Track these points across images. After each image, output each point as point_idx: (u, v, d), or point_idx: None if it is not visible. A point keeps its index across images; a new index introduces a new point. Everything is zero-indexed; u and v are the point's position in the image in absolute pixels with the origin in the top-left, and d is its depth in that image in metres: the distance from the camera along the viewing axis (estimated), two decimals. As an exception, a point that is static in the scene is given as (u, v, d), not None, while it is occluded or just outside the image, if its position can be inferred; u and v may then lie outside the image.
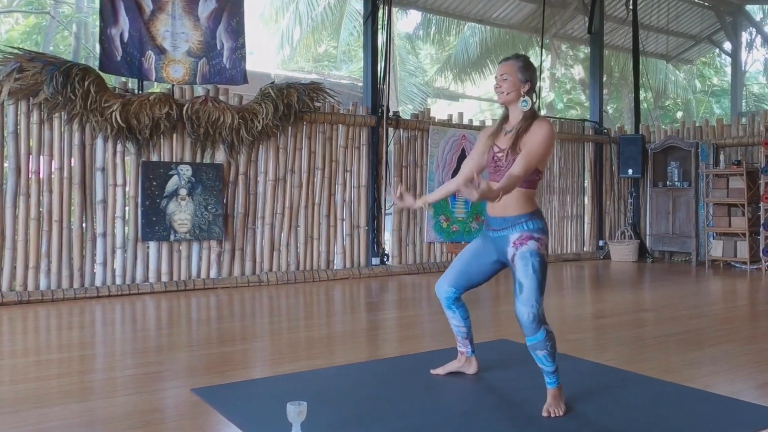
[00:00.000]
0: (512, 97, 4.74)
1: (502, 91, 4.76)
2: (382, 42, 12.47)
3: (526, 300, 4.53)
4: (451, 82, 26.74)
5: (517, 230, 4.64)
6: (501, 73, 4.77)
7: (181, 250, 10.35)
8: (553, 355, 4.60)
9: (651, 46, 20.46)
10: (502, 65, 4.82)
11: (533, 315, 4.50)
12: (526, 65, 4.78)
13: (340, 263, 11.87)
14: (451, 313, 5.30)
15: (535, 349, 4.58)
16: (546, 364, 4.60)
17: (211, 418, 4.52)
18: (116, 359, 6.27)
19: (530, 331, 4.54)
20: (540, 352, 4.58)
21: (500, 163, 4.74)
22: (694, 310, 9.04)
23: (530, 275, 4.54)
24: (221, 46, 10.60)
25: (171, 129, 10.09)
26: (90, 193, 9.76)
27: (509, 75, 4.73)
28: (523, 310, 4.53)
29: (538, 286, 4.55)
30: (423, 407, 4.72)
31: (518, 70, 4.73)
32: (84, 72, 9.37)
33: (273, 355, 6.48)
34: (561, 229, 15.03)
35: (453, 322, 5.35)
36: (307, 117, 11.30)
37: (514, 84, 4.72)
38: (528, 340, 4.60)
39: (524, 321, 4.53)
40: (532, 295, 4.52)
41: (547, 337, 4.56)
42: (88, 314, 8.46)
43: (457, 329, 5.38)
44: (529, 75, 4.76)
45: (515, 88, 4.72)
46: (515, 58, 4.81)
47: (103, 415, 4.56)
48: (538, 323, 4.52)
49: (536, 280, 4.54)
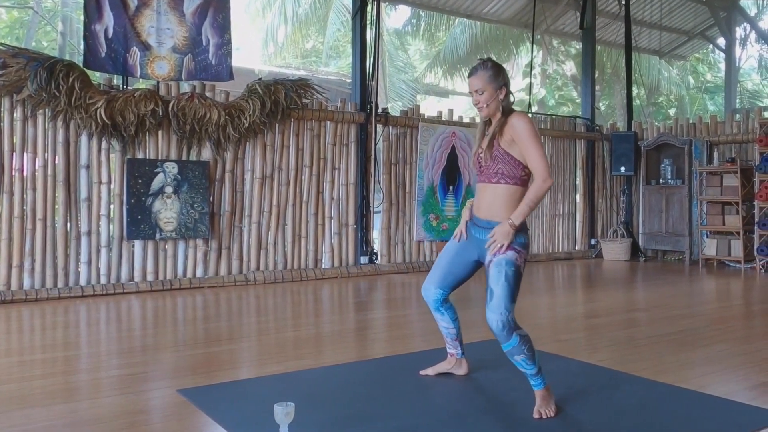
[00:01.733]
0: (494, 108, 4.80)
1: (481, 106, 4.80)
2: (371, 38, 12.47)
3: (495, 307, 4.55)
4: (440, 78, 26.72)
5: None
6: (475, 89, 4.80)
7: (167, 249, 10.34)
8: (532, 357, 4.62)
9: (644, 42, 20.52)
10: (472, 80, 4.83)
11: (502, 323, 4.53)
12: (496, 71, 4.81)
13: (328, 262, 11.86)
14: (440, 315, 5.31)
15: (512, 354, 4.61)
16: (526, 367, 4.62)
17: (198, 420, 4.52)
18: (101, 360, 6.28)
19: (502, 339, 4.58)
20: (517, 357, 4.60)
21: (482, 162, 4.82)
22: (688, 309, 9.08)
23: (501, 283, 4.57)
24: (207, 42, 10.59)
25: (156, 126, 10.07)
26: (74, 191, 9.74)
27: (484, 88, 4.77)
28: (491, 317, 4.56)
29: (509, 293, 4.57)
30: (413, 408, 4.74)
31: (490, 80, 4.77)
32: (68, 68, 9.36)
33: (260, 355, 6.49)
34: (552, 227, 15.04)
35: (442, 324, 5.37)
36: (295, 114, 11.30)
37: (491, 95, 4.77)
38: (503, 347, 4.63)
39: (494, 329, 4.57)
40: (501, 302, 4.55)
41: (521, 341, 4.57)
42: (72, 314, 8.45)
43: (447, 331, 5.39)
44: (501, 79, 4.81)
45: (494, 99, 4.78)
46: (482, 68, 4.81)
47: (88, 416, 4.57)
48: (509, 330, 4.54)
49: (507, 287, 4.57)
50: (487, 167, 4.76)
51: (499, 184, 4.72)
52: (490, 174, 4.75)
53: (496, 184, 4.74)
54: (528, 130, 4.61)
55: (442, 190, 12.89)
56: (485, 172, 4.79)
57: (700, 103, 30.57)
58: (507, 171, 4.69)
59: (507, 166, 4.69)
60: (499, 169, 4.70)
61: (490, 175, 4.76)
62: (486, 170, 4.77)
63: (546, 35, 20.71)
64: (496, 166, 4.71)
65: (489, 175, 4.76)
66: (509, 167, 4.69)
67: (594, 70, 16.47)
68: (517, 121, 4.64)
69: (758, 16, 25.14)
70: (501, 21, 18.88)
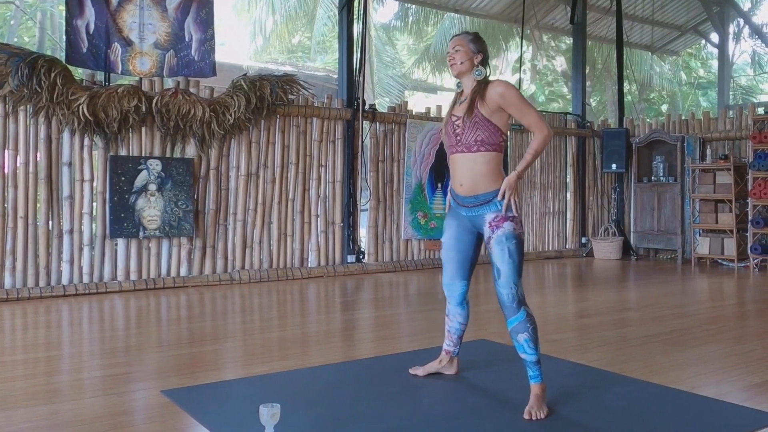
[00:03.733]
0: (466, 67, 4.95)
1: (455, 62, 4.96)
2: (358, 33, 12.49)
3: (504, 283, 4.69)
4: (429, 74, 26.76)
5: (492, 210, 4.75)
6: (453, 46, 5.01)
7: (151, 248, 10.33)
8: (535, 341, 4.69)
9: (635, 37, 20.57)
10: (453, 39, 5.09)
11: (512, 295, 4.68)
12: (477, 38, 5.06)
13: (315, 261, 11.87)
14: (461, 309, 5.33)
15: (516, 332, 4.68)
16: (528, 351, 4.68)
17: (182, 421, 4.52)
18: (84, 360, 6.27)
19: (510, 312, 4.69)
20: (521, 335, 4.66)
21: (458, 130, 4.89)
22: (680, 309, 9.09)
23: (506, 260, 4.68)
24: (190, 37, 10.59)
25: (140, 122, 10.07)
26: (56, 189, 9.72)
27: (461, 47, 4.97)
28: (502, 291, 4.70)
29: (516, 269, 4.70)
30: (401, 409, 4.74)
31: (470, 42, 4.99)
32: (50, 64, 9.35)
33: (245, 355, 6.49)
34: (542, 225, 15.06)
35: (458, 319, 5.38)
36: (281, 110, 11.30)
37: (467, 54, 4.95)
38: (509, 323, 4.71)
39: (504, 300, 4.70)
40: (510, 278, 4.68)
41: (528, 319, 4.68)
42: (54, 314, 8.44)
43: (458, 326, 5.40)
44: (480, 46, 5.01)
45: (468, 58, 4.94)
46: (465, 33, 5.10)
47: (70, 417, 4.56)
48: (518, 303, 4.68)
49: (513, 264, 4.69)
50: (465, 136, 4.83)
51: (479, 152, 4.78)
52: (469, 143, 4.81)
53: (475, 153, 4.79)
54: (516, 93, 4.79)
55: (431, 188, 12.90)
56: (462, 142, 4.85)
57: (693, 99, 30.64)
58: (486, 138, 4.77)
59: (486, 132, 4.77)
60: (479, 136, 4.78)
61: (468, 145, 4.82)
62: (463, 139, 4.84)
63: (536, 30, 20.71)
64: (476, 133, 4.78)
65: (467, 145, 4.82)
66: (488, 133, 4.77)
67: (585, 66, 16.52)
68: (503, 89, 4.77)
69: (752, 11, 25.13)
70: (490, 15, 18.88)
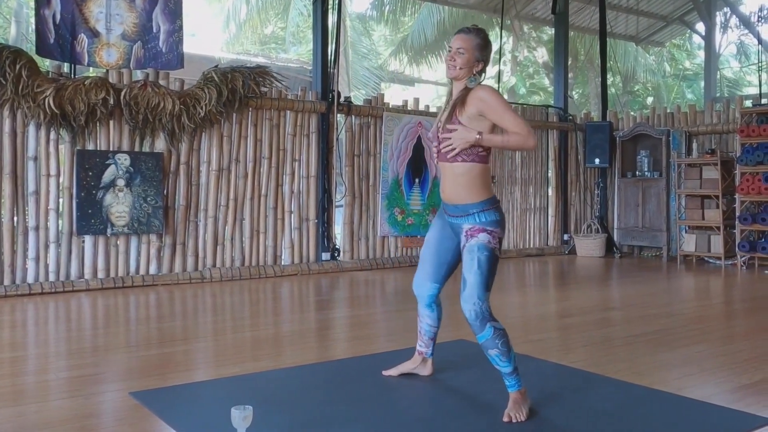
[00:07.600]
0: (463, 74, 4.79)
1: (455, 65, 4.79)
2: (333, 23, 12.47)
3: (468, 297, 4.60)
4: (406, 65, 26.74)
5: (470, 221, 4.70)
6: (458, 47, 4.79)
7: (119, 245, 10.30)
8: (507, 354, 4.63)
9: (619, 28, 20.61)
10: (460, 37, 4.84)
11: (475, 312, 4.58)
12: (485, 43, 4.83)
13: (288, 258, 11.86)
14: (429, 311, 5.32)
15: (486, 348, 4.64)
16: (501, 364, 4.63)
17: (151, 424, 4.54)
18: (49, 361, 6.27)
19: (477, 329, 4.62)
20: (491, 351, 4.62)
21: (441, 138, 4.79)
22: (665, 308, 9.14)
23: (474, 271, 4.61)
24: (157, 28, 10.57)
25: (108, 115, 10.03)
26: (21, 184, 9.69)
27: (465, 51, 4.77)
28: (465, 307, 4.62)
29: (483, 282, 4.60)
30: (377, 411, 4.78)
31: (476, 48, 4.78)
32: (15, 55, 9.32)
33: (216, 356, 6.51)
34: (523, 222, 15.08)
35: (428, 321, 5.37)
36: (253, 103, 11.29)
37: (469, 61, 4.77)
38: (478, 339, 4.67)
39: (468, 318, 4.62)
40: (474, 291, 4.59)
41: (495, 334, 4.60)
42: (19, 313, 8.44)
43: (429, 329, 5.39)
44: (485, 55, 4.83)
45: (468, 65, 4.78)
46: (475, 34, 4.83)
47: (36, 420, 4.57)
48: (483, 320, 4.58)
49: (480, 275, 4.60)
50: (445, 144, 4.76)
51: (455, 162, 4.72)
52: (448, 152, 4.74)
53: (453, 163, 4.74)
54: (498, 99, 4.66)
55: (408, 183, 12.91)
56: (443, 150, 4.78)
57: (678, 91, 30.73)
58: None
59: None
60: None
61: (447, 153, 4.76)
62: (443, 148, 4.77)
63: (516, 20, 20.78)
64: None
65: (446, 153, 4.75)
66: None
67: (567, 57, 16.56)
68: (484, 94, 4.66)
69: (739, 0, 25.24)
70: (469, 6, 18.97)
